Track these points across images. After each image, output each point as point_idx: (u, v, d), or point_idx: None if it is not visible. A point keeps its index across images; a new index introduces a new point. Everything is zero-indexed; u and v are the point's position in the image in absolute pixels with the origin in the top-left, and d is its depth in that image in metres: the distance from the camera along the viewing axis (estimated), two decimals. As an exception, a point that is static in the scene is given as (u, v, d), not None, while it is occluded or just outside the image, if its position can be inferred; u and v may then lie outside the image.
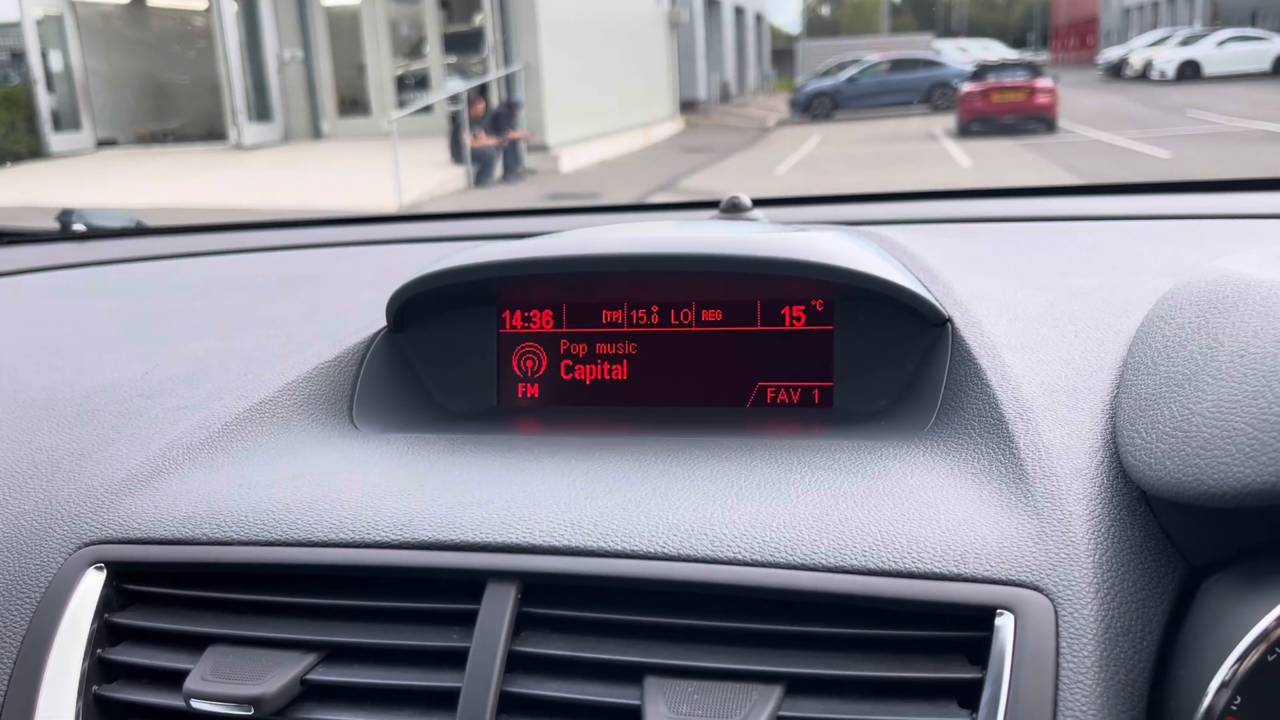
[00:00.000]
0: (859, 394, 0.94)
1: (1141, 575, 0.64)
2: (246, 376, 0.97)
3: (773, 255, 0.89)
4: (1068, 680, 0.59)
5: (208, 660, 0.69)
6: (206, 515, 0.76)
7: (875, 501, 0.69)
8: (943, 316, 0.89)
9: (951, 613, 0.63)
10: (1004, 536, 0.65)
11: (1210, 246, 1.08)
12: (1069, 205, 1.38)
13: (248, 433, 0.88)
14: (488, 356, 1.03)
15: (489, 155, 13.87)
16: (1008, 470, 0.71)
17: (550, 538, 0.69)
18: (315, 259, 1.44)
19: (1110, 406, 0.75)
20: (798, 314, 0.97)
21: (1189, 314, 0.74)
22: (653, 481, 0.75)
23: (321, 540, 0.72)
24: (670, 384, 0.99)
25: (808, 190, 11.55)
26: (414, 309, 1.01)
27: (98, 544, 0.77)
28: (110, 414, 0.93)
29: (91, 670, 0.73)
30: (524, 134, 14.69)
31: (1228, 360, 0.64)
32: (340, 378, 0.97)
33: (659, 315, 1.00)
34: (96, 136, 15.73)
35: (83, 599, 0.75)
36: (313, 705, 0.68)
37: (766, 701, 0.61)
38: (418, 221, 1.63)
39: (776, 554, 0.65)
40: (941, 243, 1.14)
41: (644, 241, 0.94)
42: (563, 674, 0.66)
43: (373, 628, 0.70)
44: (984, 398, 0.79)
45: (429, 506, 0.73)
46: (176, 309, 1.24)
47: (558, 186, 13.42)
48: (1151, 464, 0.63)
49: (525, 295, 1.02)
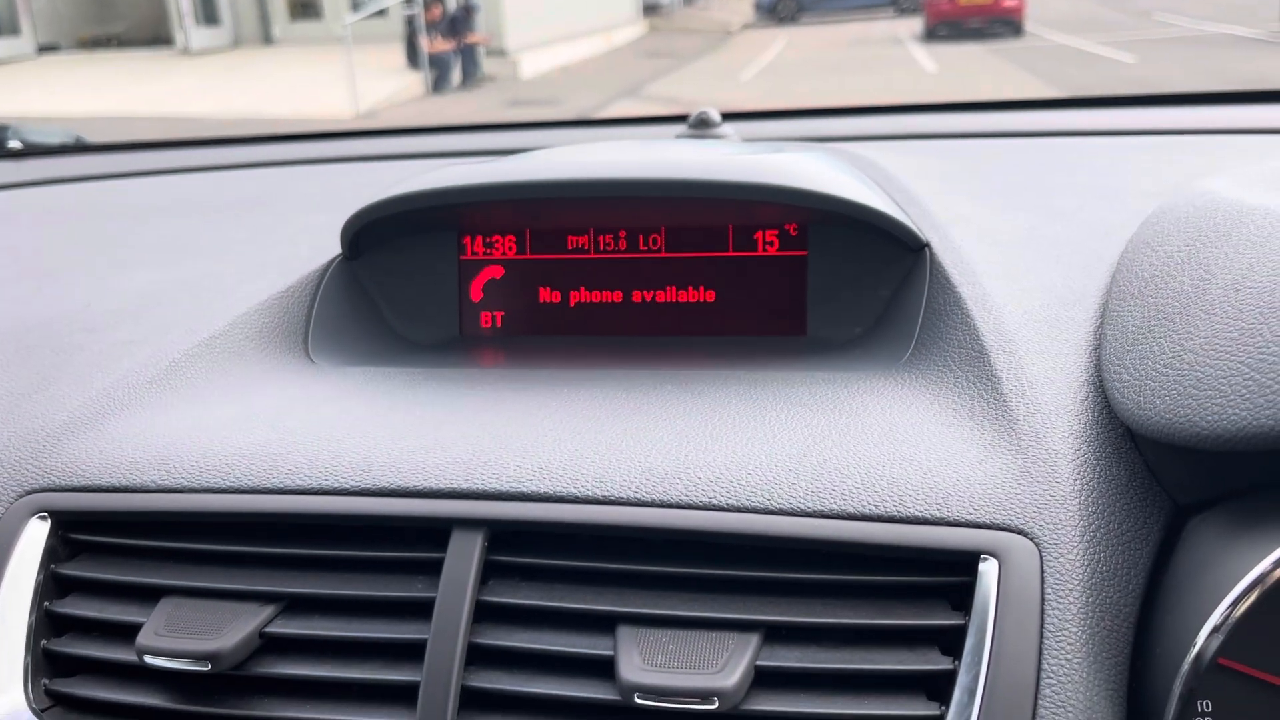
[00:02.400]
0: (833, 321, 0.91)
1: (1127, 516, 0.62)
2: (195, 308, 0.92)
3: (746, 180, 0.85)
4: (1053, 628, 0.57)
5: (160, 613, 0.66)
6: (155, 460, 0.73)
7: (854, 440, 0.67)
8: (920, 241, 0.86)
9: (934, 558, 0.61)
10: (987, 477, 0.63)
11: (1191, 164, 1.06)
12: (1046, 119, 1.35)
13: (197, 369, 0.84)
14: (448, 284, 0.99)
15: (446, 60, 13.55)
16: (990, 406, 0.69)
17: (518, 483, 0.66)
18: (264, 179, 1.38)
19: (1095, 338, 0.72)
20: (770, 239, 0.93)
21: (1177, 241, 0.71)
22: (623, 421, 0.72)
23: (277, 487, 0.69)
24: (638, 312, 0.96)
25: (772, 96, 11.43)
26: (370, 235, 0.96)
27: (40, 492, 0.73)
28: (49, 350, 0.89)
29: (39, 624, 0.70)
30: (482, 38, 14.35)
31: (1221, 294, 0.61)
32: (294, 309, 0.93)
33: (626, 240, 0.96)
34: (37, 42, 15.15)
35: (26, 550, 0.71)
36: (273, 659, 0.65)
37: (744, 650, 0.59)
38: (373, 137, 1.56)
39: (753, 498, 0.63)
40: (917, 161, 1.11)
41: (612, 165, 0.89)
42: (533, 624, 0.63)
43: (333, 577, 0.67)
44: (964, 328, 0.76)
45: (390, 450, 0.70)
46: (118, 234, 1.18)
47: (518, 93, 13.16)
48: (1140, 402, 0.61)
49: (487, 220, 0.98)
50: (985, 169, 1.10)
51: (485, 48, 14.28)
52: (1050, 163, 1.12)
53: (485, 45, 14.28)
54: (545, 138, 1.49)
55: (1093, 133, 1.24)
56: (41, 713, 0.67)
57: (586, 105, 11.62)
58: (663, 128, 1.44)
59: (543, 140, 1.48)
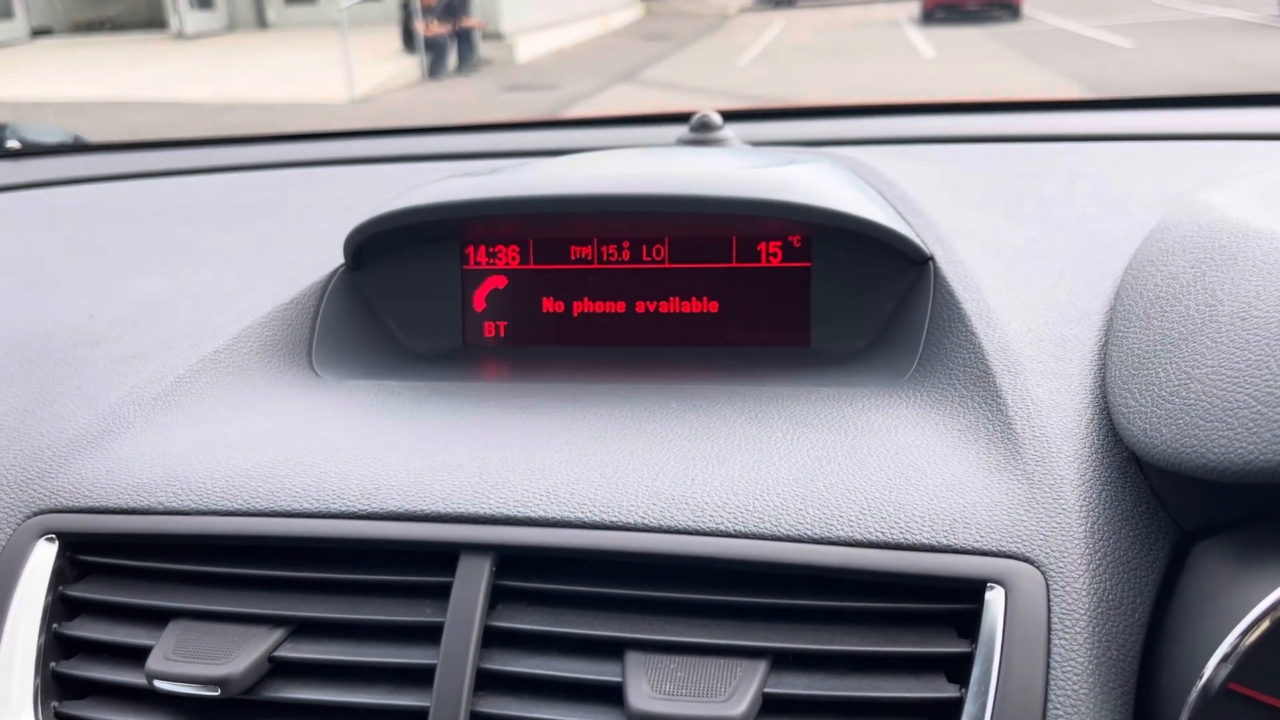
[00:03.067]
0: (837, 333, 0.92)
1: (1133, 543, 0.62)
2: (198, 320, 0.92)
3: (749, 196, 0.85)
4: (1059, 657, 0.58)
5: (170, 637, 0.67)
6: (162, 482, 0.73)
7: (860, 463, 0.67)
8: (924, 255, 0.86)
9: (941, 585, 0.61)
10: (994, 504, 0.63)
11: (1193, 170, 1.06)
12: (1048, 122, 1.35)
13: (202, 385, 0.84)
14: (451, 294, 0.99)
15: (443, 44, 13.48)
16: (995, 429, 0.69)
17: (525, 508, 0.66)
18: (266, 182, 1.37)
19: (1099, 359, 0.73)
20: (774, 250, 0.93)
21: (1182, 262, 0.71)
22: (629, 442, 0.72)
23: (284, 510, 0.69)
24: (641, 322, 0.96)
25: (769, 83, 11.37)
26: (373, 246, 0.96)
27: (48, 513, 0.73)
28: (53, 364, 0.88)
29: (48, 646, 0.70)
30: (478, 21, 14.27)
31: (1228, 322, 0.61)
32: (298, 321, 0.92)
33: (630, 251, 0.96)
34: (30, 25, 15.05)
35: (35, 572, 0.71)
36: (281, 683, 0.65)
37: (752, 677, 0.60)
38: (373, 138, 1.55)
39: (760, 524, 0.63)
40: (920, 167, 1.10)
41: (616, 180, 0.89)
42: (541, 649, 0.64)
43: (342, 601, 0.67)
44: (968, 345, 0.76)
45: (397, 472, 0.70)
46: (120, 239, 1.18)
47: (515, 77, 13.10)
48: (1147, 430, 0.61)
49: (490, 231, 0.98)
50: (988, 175, 1.10)
51: (481, 32, 14.21)
52: (1053, 169, 1.12)
53: (481, 29, 14.21)
54: (546, 138, 1.49)
55: (1095, 137, 1.24)
56: None
57: (584, 90, 11.58)
58: (664, 128, 1.44)
59: (544, 139, 1.47)
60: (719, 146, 1.14)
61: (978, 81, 10.76)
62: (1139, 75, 10.26)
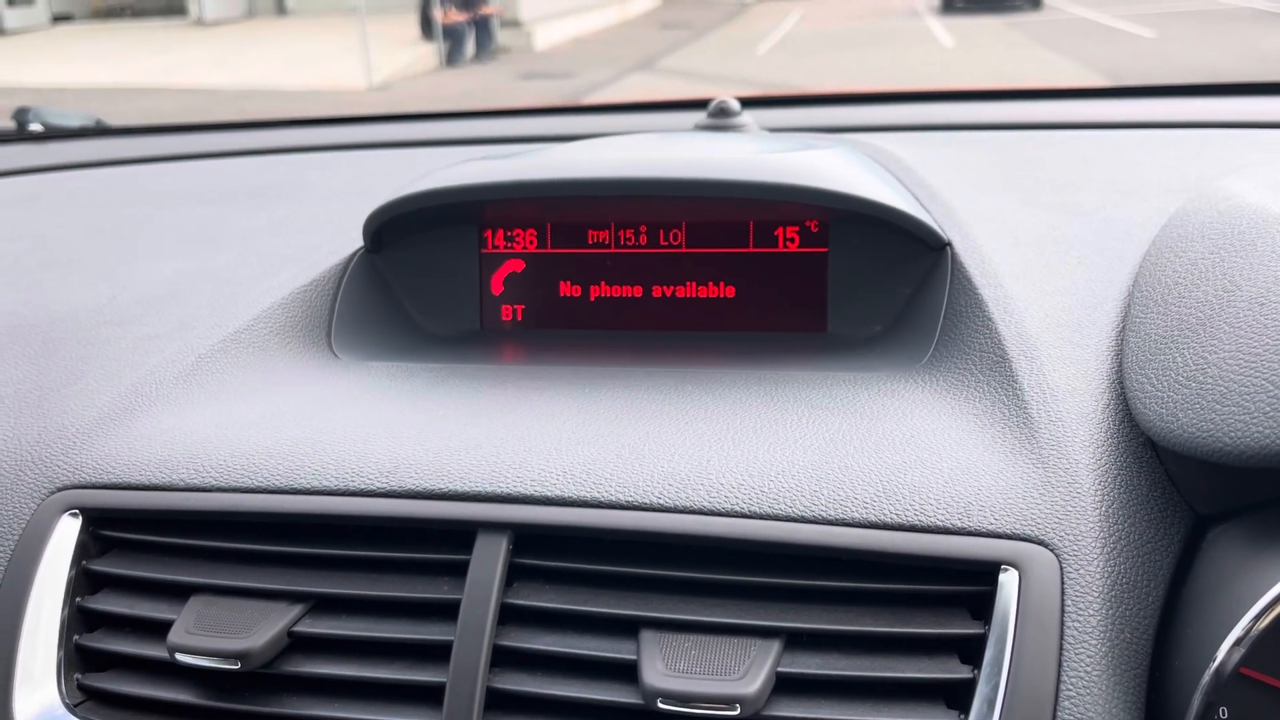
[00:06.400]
0: (854, 318, 0.92)
1: (1148, 527, 0.63)
2: (219, 301, 0.93)
3: (767, 180, 0.85)
4: (1073, 639, 0.58)
5: (191, 611, 0.68)
6: (184, 459, 0.73)
7: (875, 446, 0.67)
8: (942, 240, 0.86)
9: (954, 567, 0.61)
10: (1008, 486, 0.63)
11: (1212, 158, 1.05)
12: (1067, 110, 1.34)
13: (223, 365, 0.85)
14: (469, 277, 1.00)
15: (460, 32, 13.48)
16: (1011, 413, 0.69)
17: (542, 487, 0.67)
18: (285, 165, 1.38)
19: (1116, 344, 0.73)
20: (791, 235, 0.94)
21: (1200, 249, 0.71)
22: (646, 423, 0.72)
23: (304, 487, 0.70)
24: (658, 307, 0.96)
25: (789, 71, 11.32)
26: (392, 228, 0.97)
27: (71, 489, 0.74)
28: (76, 343, 0.90)
29: (71, 619, 0.71)
30: (496, 9, 14.26)
31: (1246, 308, 0.61)
32: (317, 302, 0.93)
33: (647, 236, 0.96)
34: (51, 11, 15.12)
35: (59, 546, 0.72)
36: (300, 658, 0.66)
37: (766, 656, 0.60)
38: (391, 123, 1.56)
39: (776, 505, 0.63)
40: (938, 153, 1.10)
41: (634, 164, 0.89)
42: (557, 627, 0.64)
43: (360, 578, 0.68)
44: (985, 331, 0.77)
45: (416, 451, 0.71)
46: (141, 221, 1.19)
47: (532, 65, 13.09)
48: (1163, 414, 0.61)
49: (508, 214, 0.98)
50: (1005, 162, 1.10)
51: (499, 19, 14.20)
52: (1071, 156, 1.11)
53: (499, 17, 14.20)
54: (564, 123, 1.49)
55: (1113, 125, 1.24)
56: (75, 707, 0.68)
57: (601, 79, 11.56)
58: (682, 114, 1.44)
59: (561, 125, 1.48)
60: (737, 132, 1.15)
61: (997, 71, 10.69)
62: (1161, 66, 10.17)
